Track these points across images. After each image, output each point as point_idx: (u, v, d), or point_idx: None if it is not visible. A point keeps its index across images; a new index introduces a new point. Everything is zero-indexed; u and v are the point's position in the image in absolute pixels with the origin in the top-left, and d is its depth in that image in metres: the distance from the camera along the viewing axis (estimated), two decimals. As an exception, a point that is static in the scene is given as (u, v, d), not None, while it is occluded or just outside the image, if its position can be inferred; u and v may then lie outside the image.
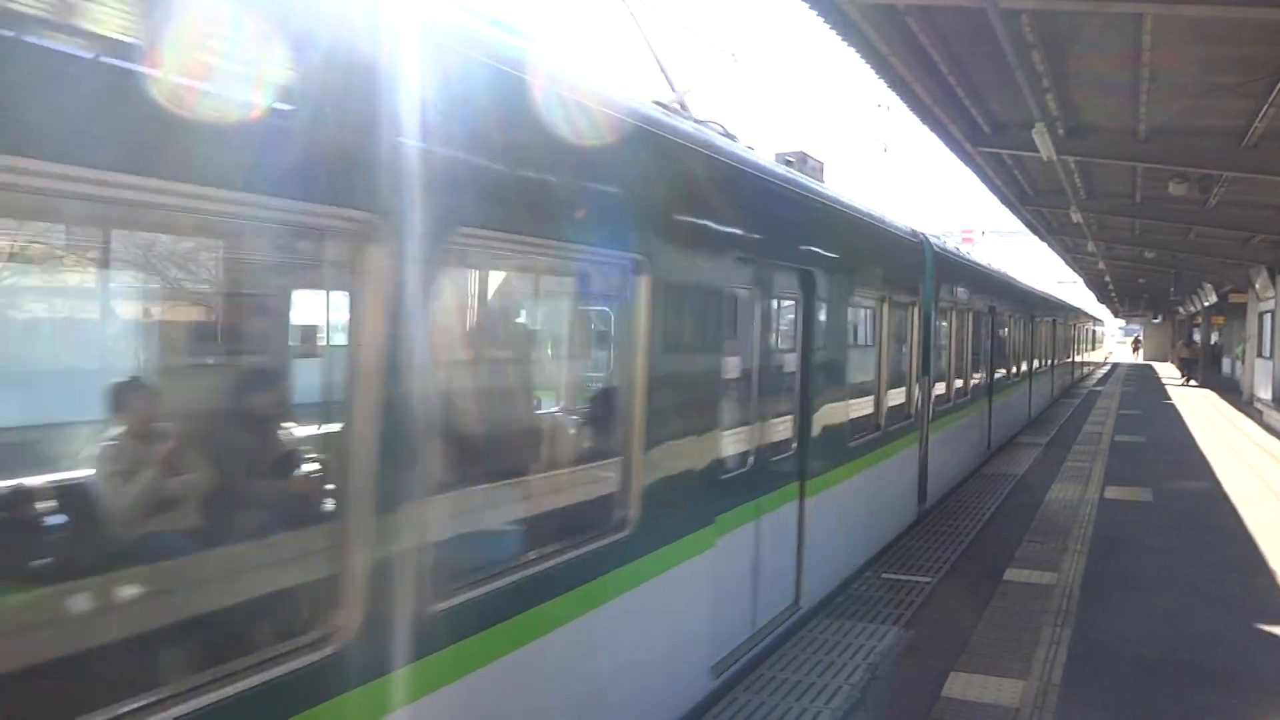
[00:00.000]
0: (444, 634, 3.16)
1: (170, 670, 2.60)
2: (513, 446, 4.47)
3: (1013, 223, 29.09)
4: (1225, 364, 41.71)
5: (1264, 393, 26.75)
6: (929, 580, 8.41)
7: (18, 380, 3.66)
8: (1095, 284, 49.92)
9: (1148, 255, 28.41)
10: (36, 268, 3.10)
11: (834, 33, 9.87)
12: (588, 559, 4.14)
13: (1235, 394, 31.75)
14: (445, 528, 3.22)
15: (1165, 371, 48.45)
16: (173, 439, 3.17)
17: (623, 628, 4.40)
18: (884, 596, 7.81)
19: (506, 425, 4.46)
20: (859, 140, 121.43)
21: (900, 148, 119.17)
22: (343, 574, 2.82)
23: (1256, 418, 24.61)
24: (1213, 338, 43.51)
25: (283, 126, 2.61)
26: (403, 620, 2.97)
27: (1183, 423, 23.03)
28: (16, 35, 2.04)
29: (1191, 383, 38.43)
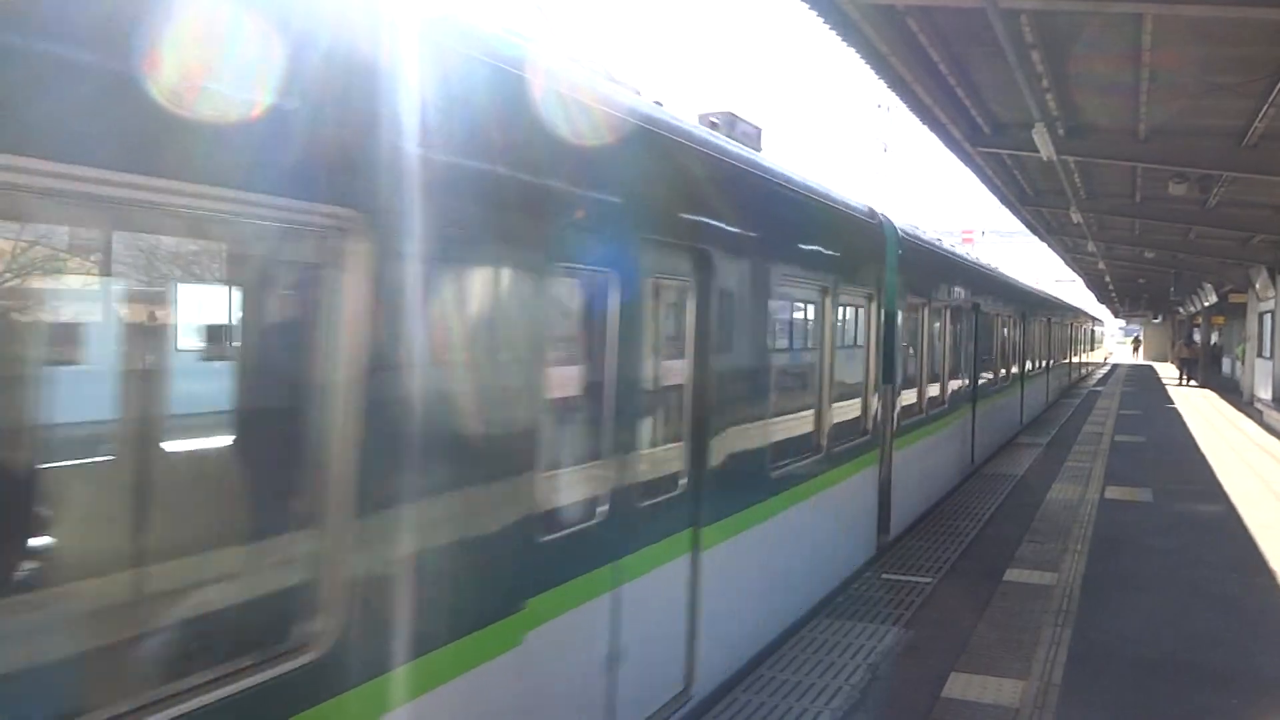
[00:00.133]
0: None
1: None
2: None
3: (1013, 223, 29.14)
4: (1225, 364, 41.72)
5: (1264, 393, 26.76)
6: (929, 580, 8.41)
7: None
8: (1095, 284, 49.92)
9: (1148, 255, 28.42)
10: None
11: (834, 33, 9.87)
12: None
13: (1235, 394, 31.76)
14: None
15: (1165, 372, 48.45)
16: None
17: None
18: (884, 596, 7.82)
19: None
20: (859, 140, 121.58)
21: (900, 148, 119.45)
22: None
23: (1257, 418, 24.62)
24: (1213, 338, 43.53)
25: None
26: None
27: (1183, 423, 23.03)
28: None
29: (1191, 383, 38.47)
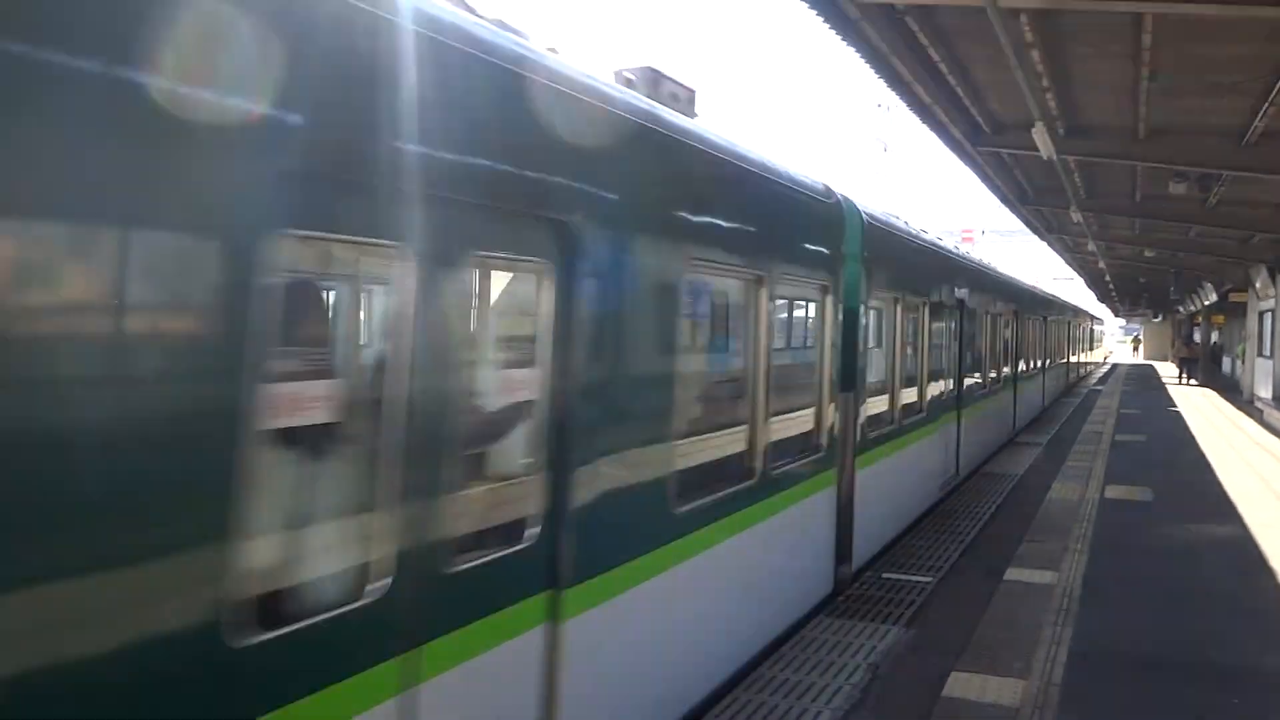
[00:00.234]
0: None
1: None
2: None
3: (1013, 222, 29.15)
4: (1225, 363, 41.75)
5: (1264, 392, 26.79)
6: (929, 580, 8.41)
7: None
8: (1096, 283, 49.94)
9: (1148, 254, 28.44)
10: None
11: (834, 33, 9.88)
12: None
13: (1236, 393, 31.78)
14: None
15: (1166, 371, 48.46)
16: None
17: None
18: (884, 596, 7.82)
19: None
20: (859, 140, 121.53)
21: (900, 148, 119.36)
22: None
23: (1257, 417, 24.63)
24: (1213, 337, 43.56)
25: None
26: None
27: (1183, 422, 23.03)
28: None
29: (1191, 382, 38.56)
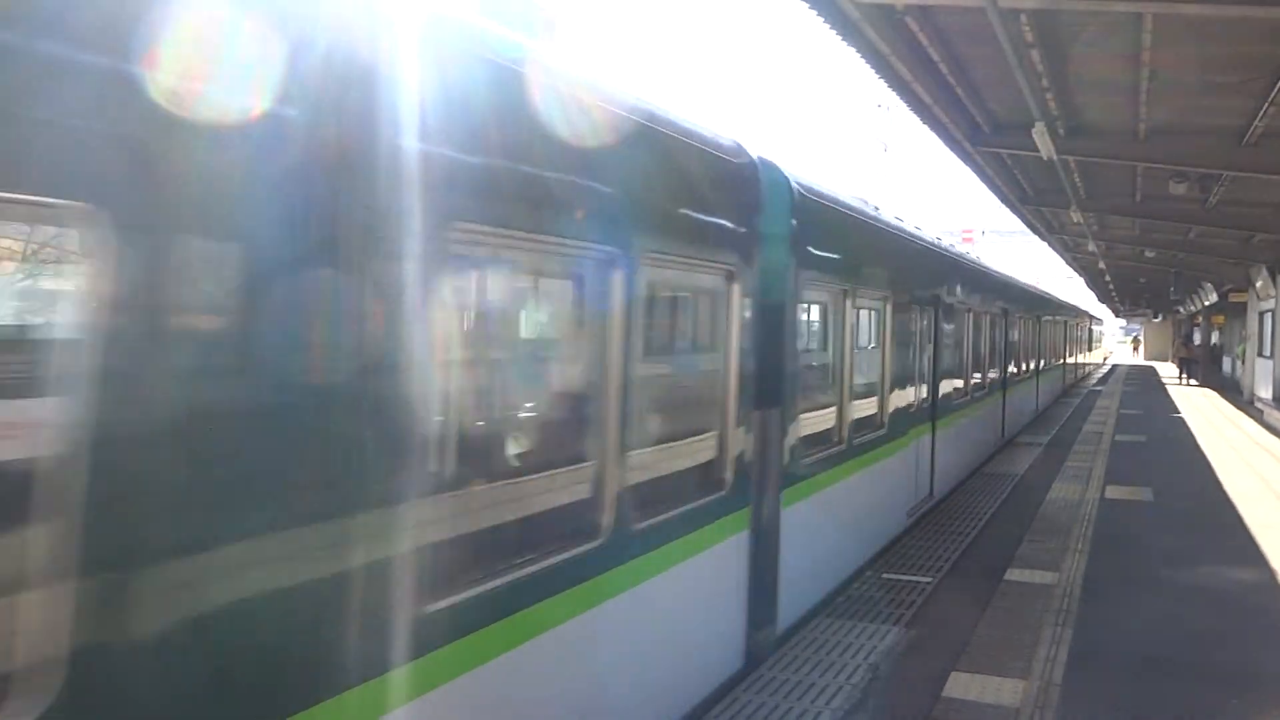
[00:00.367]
0: None
1: None
2: None
3: (1013, 223, 29.15)
4: (1226, 363, 41.75)
5: (1264, 392, 26.78)
6: (929, 580, 8.41)
7: None
8: (1096, 283, 49.93)
9: (1148, 255, 28.43)
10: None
11: (834, 33, 9.88)
12: None
13: (1236, 393, 31.77)
14: None
15: (1166, 371, 48.47)
16: None
17: None
18: (884, 596, 7.81)
19: None
20: (859, 140, 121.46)
21: (900, 148, 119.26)
22: None
23: (1257, 417, 24.62)
24: (1213, 338, 43.56)
25: None
26: None
27: (1183, 422, 23.03)
28: None
29: (1191, 382, 38.62)
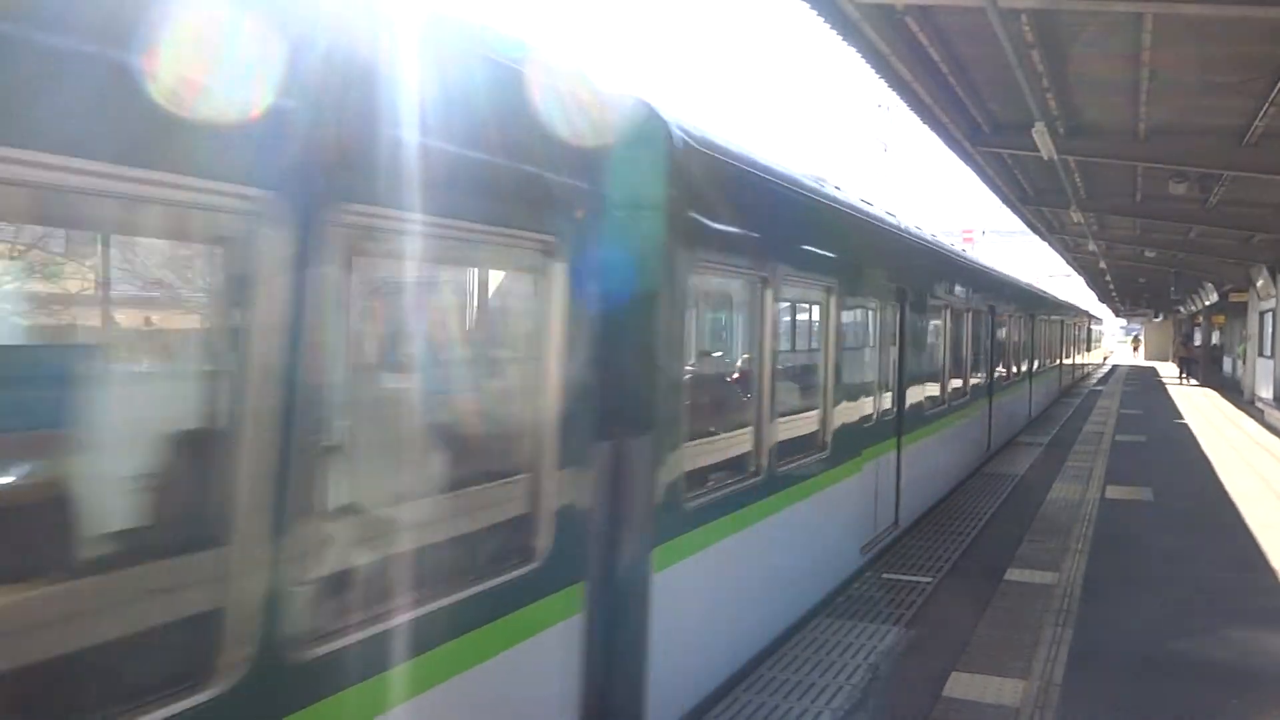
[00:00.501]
0: None
1: None
2: None
3: (1013, 222, 29.10)
4: (1226, 363, 41.75)
5: (1265, 392, 26.78)
6: (930, 580, 8.41)
7: None
8: (1096, 283, 49.91)
9: (1148, 255, 28.41)
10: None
11: (834, 33, 9.88)
12: None
13: (1236, 393, 31.77)
14: None
15: (1166, 371, 48.47)
16: None
17: None
18: (885, 596, 7.82)
19: None
20: (859, 140, 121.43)
21: (900, 148, 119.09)
22: None
23: (1258, 417, 24.63)
24: (1214, 337, 43.56)
25: None
26: None
27: (1184, 422, 23.03)
28: None
29: (1191, 382, 38.68)
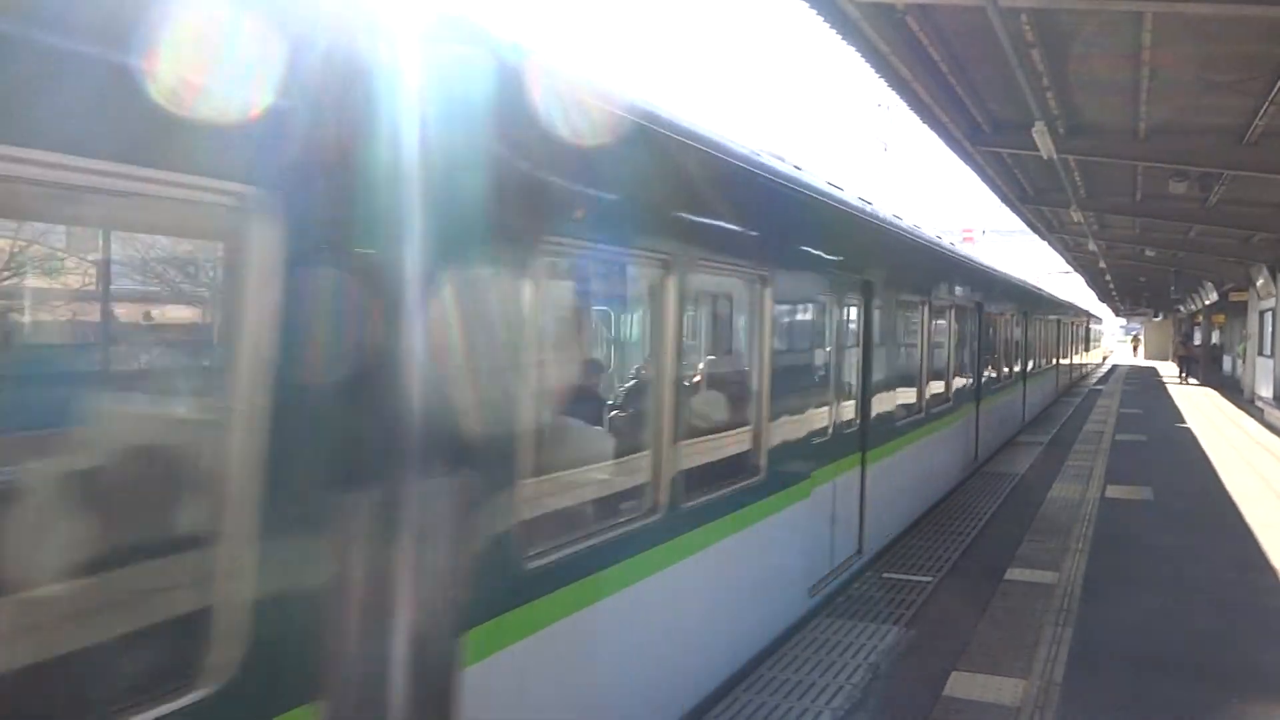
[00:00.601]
0: None
1: None
2: None
3: (1013, 222, 29.07)
4: (1226, 363, 41.75)
5: (1265, 391, 26.77)
6: (930, 580, 8.41)
7: None
8: (1096, 282, 49.91)
9: (1148, 254, 28.40)
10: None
11: (834, 32, 9.88)
12: None
13: (1236, 392, 31.77)
14: None
15: (1167, 371, 48.48)
16: None
17: None
18: (885, 596, 7.81)
19: None
20: (859, 140, 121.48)
21: (900, 147, 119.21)
22: None
23: (1258, 416, 24.62)
24: (1214, 337, 43.56)
25: None
26: None
27: (1184, 421, 23.02)
28: None
29: (1191, 381, 38.68)
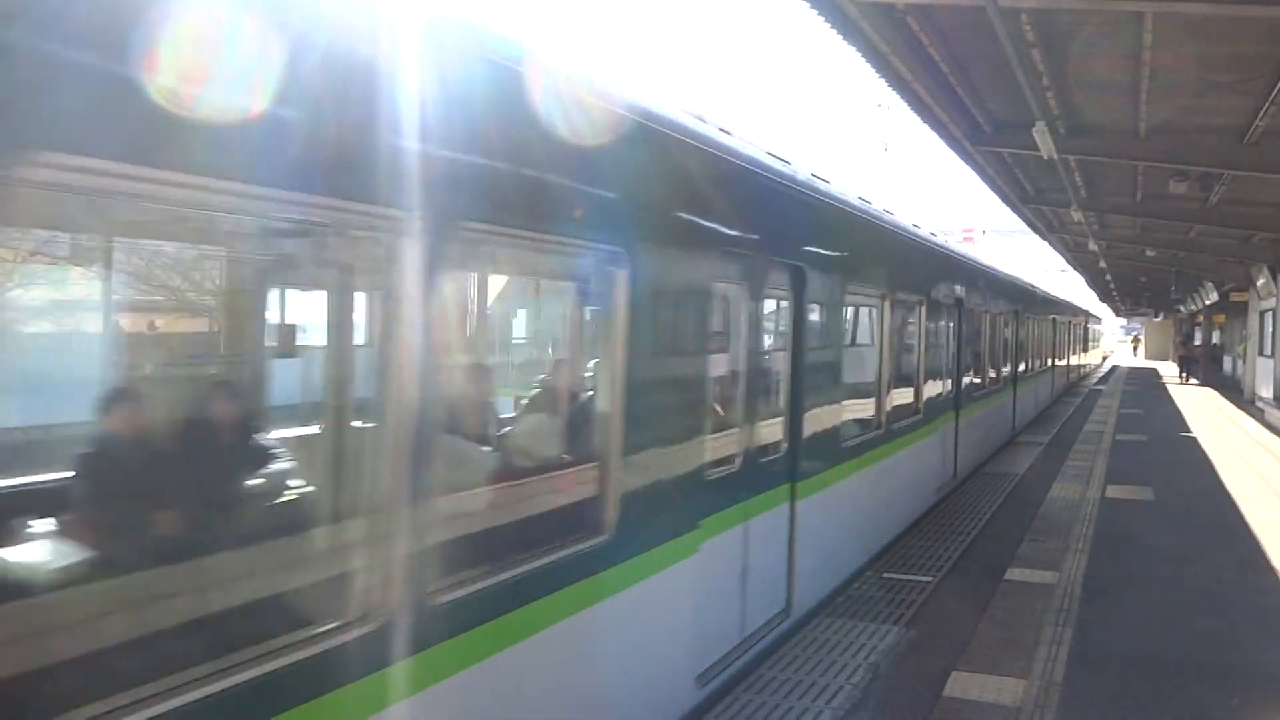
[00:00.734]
0: None
1: None
2: None
3: (1014, 222, 29.04)
4: (1226, 363, 41.74)
5: (1265, 391, 26.76)
6: (930, 579, 8.41)
7: None
8: (1096, 282, 49.89)
9: (1149, 254, 28.38)
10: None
11: (834, 32, 9.87)
12: None
13: (1237, 392, 31.76)
14: None
15: (1167, 371, 48.47)
16: None
17: None
18: (885, 596, 7.82)
19: None
20: (859, 140, 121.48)
21: (901, 147, 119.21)
22: None
23: (1258, 416, 24.62)
24: (1214, 337, 43.56)
25: None
26: None
27: (1184, 422, 23.02)
28: None
29: (1192, 381, 38.71)
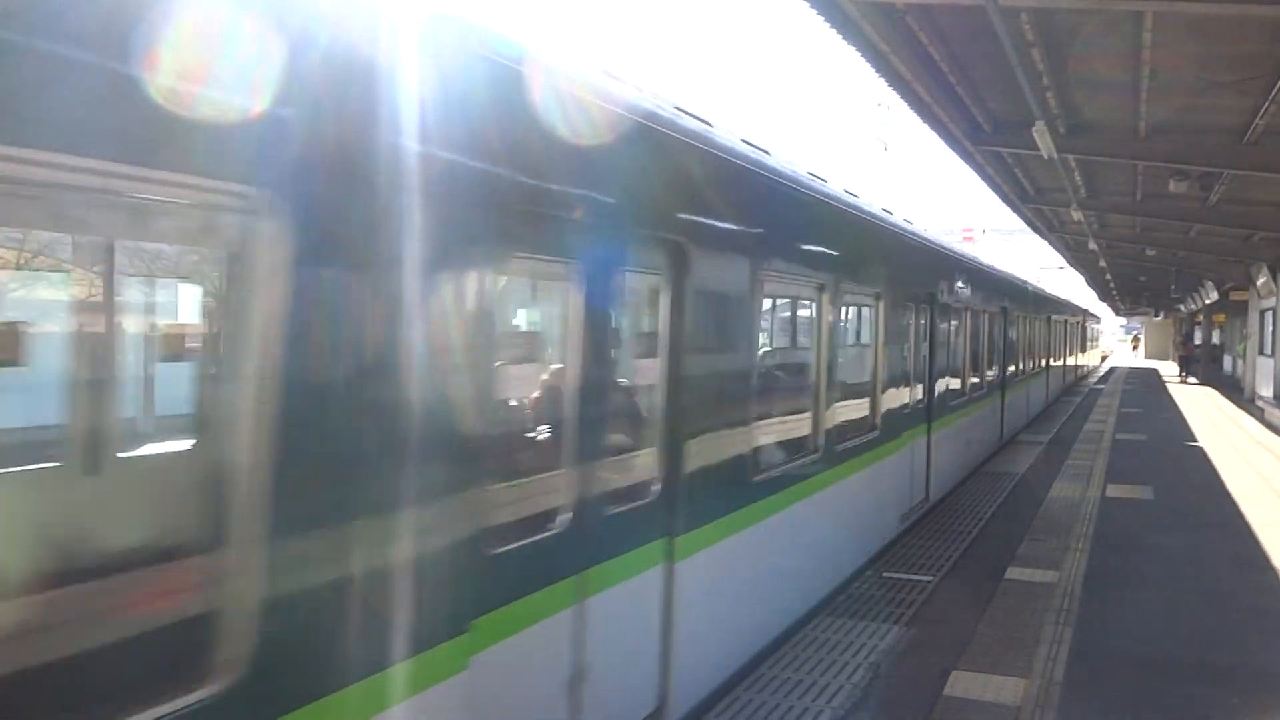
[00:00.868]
0: None
1: None
2: None
3: (1014, 221, 29.05)
4: (1226, 362, 41.76)
5: (1265, 390, 26.76)
6: (930, 579, 8.41)
7: None
8: (1096, 281, 49.90)
9: (1149, 253, 28.39)
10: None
11: (834, 32, 9.87)
12: None
13: (1237, 392, 31.77)
14: None
15: (1167, 370, 48.48)
16: None
17: None
18: (885, 595, 7.82)
19: None
20: (859, 139, 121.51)
21: (901, 147, 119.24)
22: None
23: (1258, 415, 24.62)
24: (1214, 336, 43.56)
25: None
26: None
27: (1184, 421, 23.03)
28: None
29: (1191, 380, 38.75)
